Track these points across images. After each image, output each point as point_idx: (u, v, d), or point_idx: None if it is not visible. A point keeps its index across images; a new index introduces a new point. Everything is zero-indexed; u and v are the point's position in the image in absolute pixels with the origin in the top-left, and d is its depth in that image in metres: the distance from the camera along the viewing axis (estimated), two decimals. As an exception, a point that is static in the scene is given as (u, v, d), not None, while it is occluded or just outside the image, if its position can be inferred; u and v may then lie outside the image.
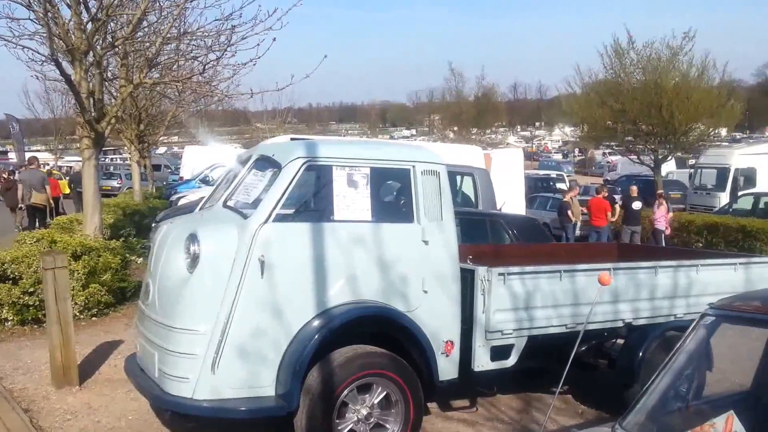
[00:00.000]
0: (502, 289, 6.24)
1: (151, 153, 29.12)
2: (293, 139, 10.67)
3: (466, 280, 6.29)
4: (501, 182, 15.03)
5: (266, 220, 5.55)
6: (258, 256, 5.45)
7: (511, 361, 6.41)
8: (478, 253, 7.08)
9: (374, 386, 5.71)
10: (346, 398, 5.61)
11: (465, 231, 8.66)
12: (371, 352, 5.75)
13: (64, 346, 7.22)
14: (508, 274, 6.29)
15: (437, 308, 6.06)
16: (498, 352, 6.31)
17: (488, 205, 13.39)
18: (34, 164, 19.17)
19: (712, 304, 4.23)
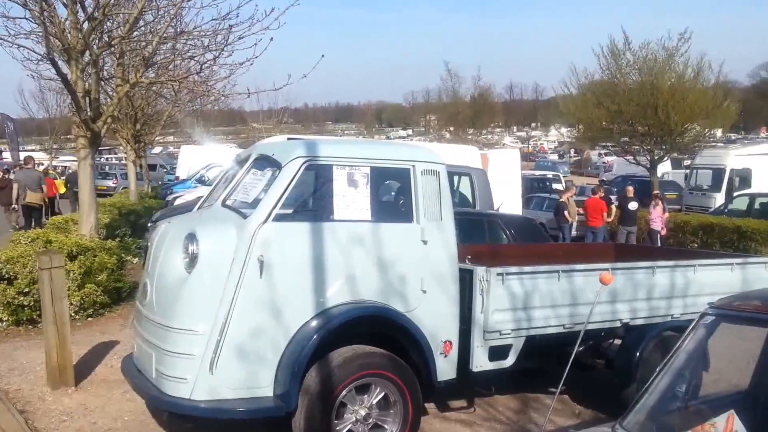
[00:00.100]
0: (501, 289, 6.22)
1: (147, 153, 29.06)
2: (290, 139, 10.65)
3: (465, 280, 6.26)
4: (498, 182, 15.05)
5: (265, 219, 5.52)
6: (257, 256, 5.42)
7: (509, 362, 6.39)
8: (475, 253, 7.06)
9: (373, 387, 5.69)
10: (345, 399, 5.58)
11: (463, 231, 8.64)
12: (370, 353, 5.72)
13: (60, 347, 7.18)
14: (506, 274, 6.28)
15: (436, 308, 6.03)
16: (496, 353, 6.30)
17: (485, 205, 13.40)
18: (30, 164, 19.13)
19: (712, 304, 4.22)
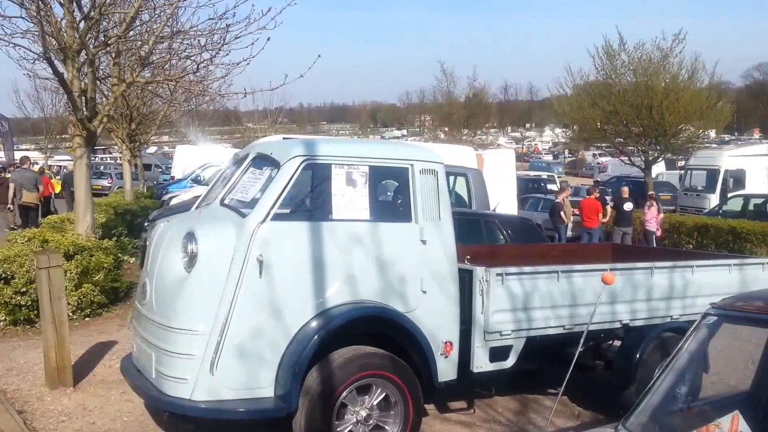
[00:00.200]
0: (501, 290, 6.20)
1: (142, 152, 28.97)
2: (285, 138, 10.63)
3: (464, 280, 6.24)
4: (493, 183, 15.02)
5: (264, 219, 5.50)
6: (256, 256, 5.40)
7: (509, 362, 6.37)
8: (473, 254, 7.04)
9: (373, 387, 5.66)
10: (346, 399, 5.56)
11: (460, 231, 8.64)
12: (370, 353, 5.70)
13: (58, 347, 7.14)
14: (506, 275, 6.26)
15: (436, 309, 6.01)
16: (497, 353, 6.27)
17: (482, 205, 13.39)
18: (26, 164, 19.14)
19: (714, 304, 4.22)
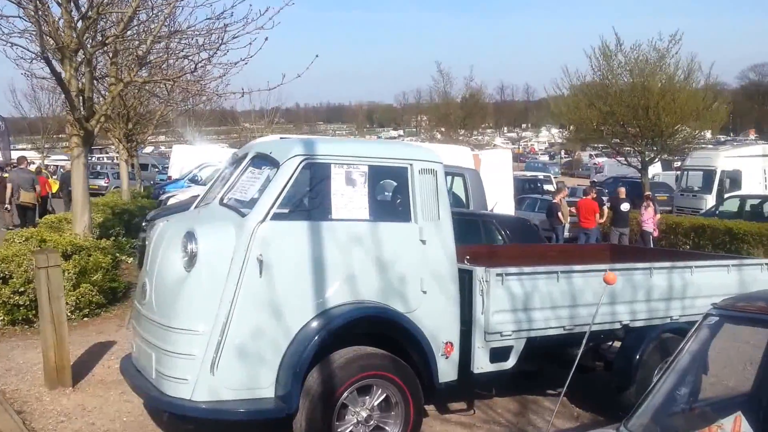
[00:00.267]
0: (501, 290, 6.19)
1: (138, 152, 28.94)
2: (282, 138, 10.61)
3: (464, 280, 6.22)
4: (490, 183, 15.03)
5: (264, 218, 5.48)
6: (256, 255, 5.38)
7: (510, 363, 6.35)
8: (472, 254, 7.02)
9: (374, 388, 5.65)
10: (346, 400, 5.55)
11: (458, 231, 8.66)
12: (371, 354, 5.69)
13: (57, 347, 7.11)
14: (506, 275, 6.25)
15: (436, 309, 6.00)
16: (497, 354, 6.26)
17: (479, 205, 13.39)
18: (23, 164, 19.12)
19: (716, 304, 4.23)
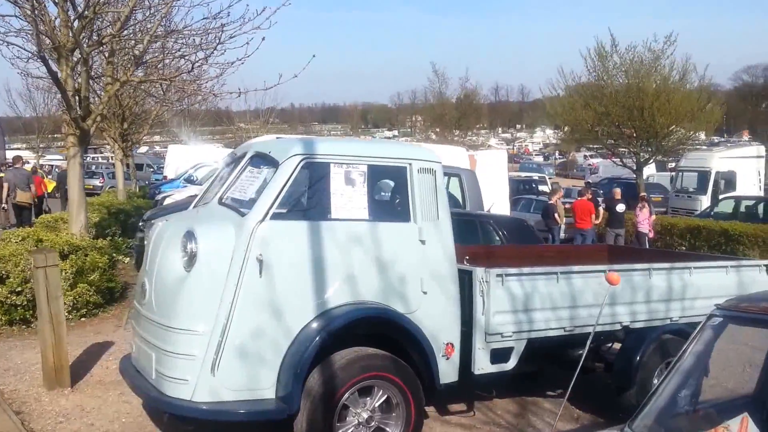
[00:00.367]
0: (501, 291, 6.17)
1: (133, 152, 28.87)
2: (279, 138, 10.58)
3: (463, 281, 6.20)
4: (485, 184, 15.01)
5: (263, 218, 5.46)
6: (256, 255, 5.35)
7: (510, 364, 6.33)
8: (470, 254, 7.00)
9: (375, 389, 5.63)
10: (347, 401, 5.52)
11: (456, 232, 8.66)
12: (372, 355, 5.67)
13: (56, 347, 7.07)
14: (506, 276, 6.23)
15: (437, 310, 5.98)
16: (497, 355, 6.23)
17: (475, 206, 13.39)
18: (18, 163, 19.07)
19: (719, 305, 4.22)
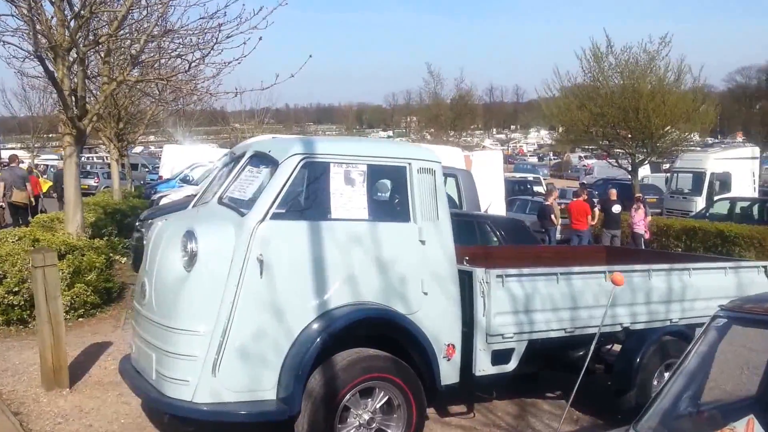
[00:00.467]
0: (502, 292, 6.15)
1: (128, 152, 28.80)
2: (275, 138, 10.56)
3: (463, 282, 6.18)
4: (481, 184, 15.02)
5: (263, 217, 5.43)
6: (256, 255, 5.33)
7: (511, 366, 6.31)
8: (468, 255, 6.98)
9: (376, 390, 5.60)
10: (348, 402, 5.50)
11: (454, 232, 8.64)
12: (374, 356, 5.64)
13: (54, 347, 7.03)
14: (506, 276, 6.21)
15: (438, 310, 5.95)
16: (498, 356, 6.22)
17: (472, 206, 13.39)
18: (15, 162, 19.01)
19: (723, 306, 4.21)
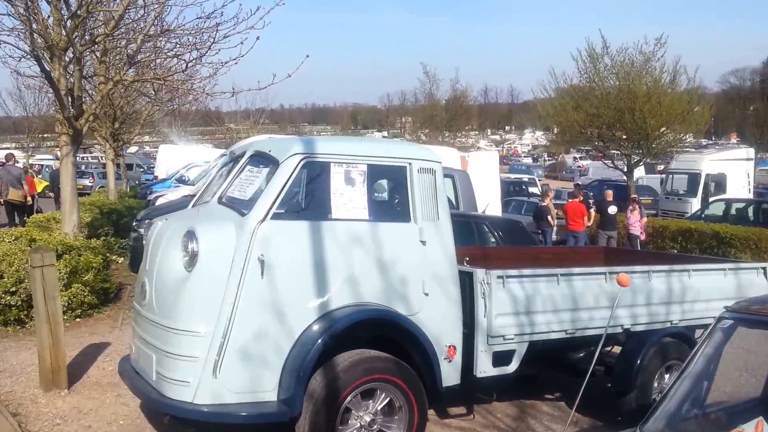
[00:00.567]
0: (502, 293, 6.12)
1: (123, 152, 28.72)
2: (271, 138, 10.54)
3: (464, 283, 6.15)
4: (477, 185, 15.01)
5: (264, 217, 5.40)
6: (257, 255, 5.30)
7: (512, 367, 6.29)
8: (466, 256, 6.96)
9: (378, 392, 5.58)
10: (350, 404, 5.47)
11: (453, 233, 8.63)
12: (375, 357, 5.61)
13: (53, 347, 6.98)
14: (507, 277, 6.19)
15: (439, 312, 5.93)
16: (499, 358, 6.20)
17: (469, 207, 13.37)
18: (11, 161, 19.02)
19: (729, 307, 4.21)
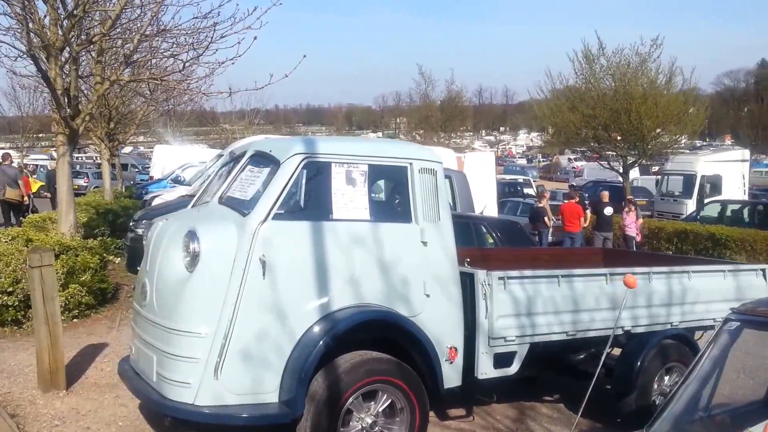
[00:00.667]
0: (504, 294, 6.11)
1: (119, 152, 28.64)
2: (267, 138, 10.49)
3: (465, 284, 6.14)
4: (473, 186, 15.02)
5: (265, 218, 5.38)
6: (259, 256, 5.28)
7: (513, 369, 6.28)
8: (465, 257, 6.94)
9: (379, 393, 5.56)
10: (351, 405, 5.45)
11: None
12: (377, 358, 5.59)
13: (52, 348, 6.93)
14: (508, 279, 6.18)
15: (440, 313, 5.91)
16: (500, 360, 6.18)
17: (466, 207, 13.39)
18: (7, 160, 18.98)
19: (735, 309, 4.22)
